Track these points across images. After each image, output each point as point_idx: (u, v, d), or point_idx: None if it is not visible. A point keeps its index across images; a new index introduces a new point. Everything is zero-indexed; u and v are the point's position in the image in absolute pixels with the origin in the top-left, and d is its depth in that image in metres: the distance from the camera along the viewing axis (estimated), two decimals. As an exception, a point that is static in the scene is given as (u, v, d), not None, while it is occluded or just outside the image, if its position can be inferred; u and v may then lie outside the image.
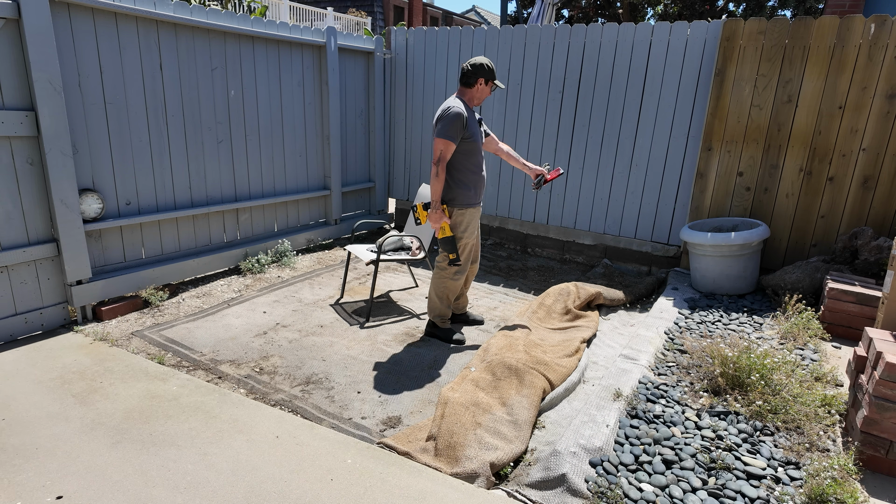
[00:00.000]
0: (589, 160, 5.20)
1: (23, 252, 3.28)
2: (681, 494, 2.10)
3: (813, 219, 4.38)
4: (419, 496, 2.13)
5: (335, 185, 5.58)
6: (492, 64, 3.25)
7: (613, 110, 4.99)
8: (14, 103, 3.18)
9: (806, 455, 2.33)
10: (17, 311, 3.33)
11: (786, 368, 2.87)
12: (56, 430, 2.46)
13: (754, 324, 3.72)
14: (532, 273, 5.15)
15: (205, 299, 4.10)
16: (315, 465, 2.30)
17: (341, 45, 5.38)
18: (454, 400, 2.67)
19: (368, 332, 3.68)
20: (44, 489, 2.11)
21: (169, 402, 2.71)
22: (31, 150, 3.28)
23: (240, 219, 4.74)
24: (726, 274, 4.23)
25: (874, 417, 2.23)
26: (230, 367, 3.15)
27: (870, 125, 4.07)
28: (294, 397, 2.87)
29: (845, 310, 3.52)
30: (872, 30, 3.94)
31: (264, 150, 4.85)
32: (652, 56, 4.73)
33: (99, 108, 3.62)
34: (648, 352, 3.23)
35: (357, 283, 4.64)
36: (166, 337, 3.47)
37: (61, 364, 3.05)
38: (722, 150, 4.56)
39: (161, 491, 2.11)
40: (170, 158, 4.10)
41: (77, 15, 3.42)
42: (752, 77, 4.34)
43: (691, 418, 2.59)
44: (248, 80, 4.59)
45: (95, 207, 3.66)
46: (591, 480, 2.17)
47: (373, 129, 6.06)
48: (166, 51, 3.94)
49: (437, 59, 5.78)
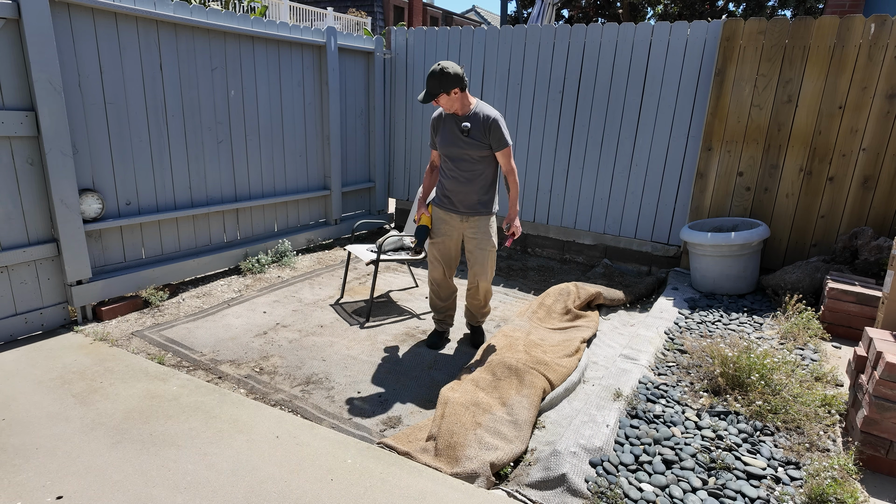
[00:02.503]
0: (589, 160, 5.20)
1: (23, 252, 3.28)
2: (681, 494, 2.10)
3: (813, 219, 4.38)
4: (419, 496, 2.13)
5: (335, 185, 5.58)
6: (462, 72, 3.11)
7: (613, 110, 4.99)
8: (14, 103, 3.18)
9: (806, 455, 2.33)
10: (17, 312, 3.33)
11: (786, 368, 2.87)
12: (56, 430, 2.46)
13: (754, 324, 3.72)
14: (532, 273, 5.15)
15: (205, 299, 4.10)
16: (315, 465, 2.30)
17: (341, 45, 5.38)
18: (454, 400, 2.67)
19: (368, 332, 3.68)
20: (44, 489, 2.11)
21: (169, 403, 2.71)
22: (31, 150, 3.28)
23: (239, 219, 4.74)
24: (726, 274, 4.23)
25: (874, 417, 2.23)
26: (230, 367, 3.15)
27: (870, 125, 4.07)
28: (294, 397, 2.87)
29: (845, 310, 3.52)
30: (872, 30, 3.94)
31: (264, 150, 4.85)
32: (652, 56, 4.73)
33: (99, 108, 3.62)
34: (648, 352, 3.23)
35: (357, 283, 4.64)
36: (166, 337, 3.48)
37: (61, 364, 3.05)
38: (722, 150, 4.56)
39: (161, 491, 2.11)
40: (170, 158, 4.10)
41: (77, 15, 3.42)
42: (752, 77, 4.34)
43: (691, 418, 2.59)
44: (248, 80, 4.59)
45: (95, 207, 3.66)
46: (591, 480, 2.17)
47: (373, 130, 6.06)
48: (166, 51, 3.94)
49: (437, 58, 5.77)
